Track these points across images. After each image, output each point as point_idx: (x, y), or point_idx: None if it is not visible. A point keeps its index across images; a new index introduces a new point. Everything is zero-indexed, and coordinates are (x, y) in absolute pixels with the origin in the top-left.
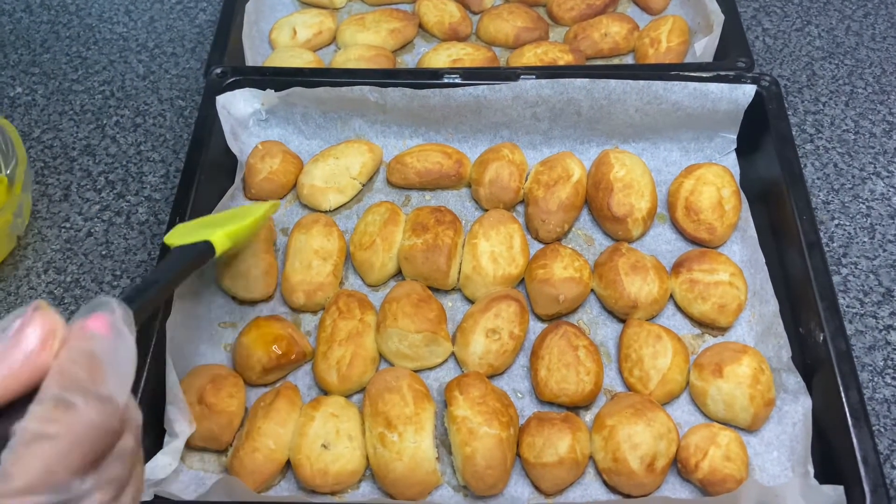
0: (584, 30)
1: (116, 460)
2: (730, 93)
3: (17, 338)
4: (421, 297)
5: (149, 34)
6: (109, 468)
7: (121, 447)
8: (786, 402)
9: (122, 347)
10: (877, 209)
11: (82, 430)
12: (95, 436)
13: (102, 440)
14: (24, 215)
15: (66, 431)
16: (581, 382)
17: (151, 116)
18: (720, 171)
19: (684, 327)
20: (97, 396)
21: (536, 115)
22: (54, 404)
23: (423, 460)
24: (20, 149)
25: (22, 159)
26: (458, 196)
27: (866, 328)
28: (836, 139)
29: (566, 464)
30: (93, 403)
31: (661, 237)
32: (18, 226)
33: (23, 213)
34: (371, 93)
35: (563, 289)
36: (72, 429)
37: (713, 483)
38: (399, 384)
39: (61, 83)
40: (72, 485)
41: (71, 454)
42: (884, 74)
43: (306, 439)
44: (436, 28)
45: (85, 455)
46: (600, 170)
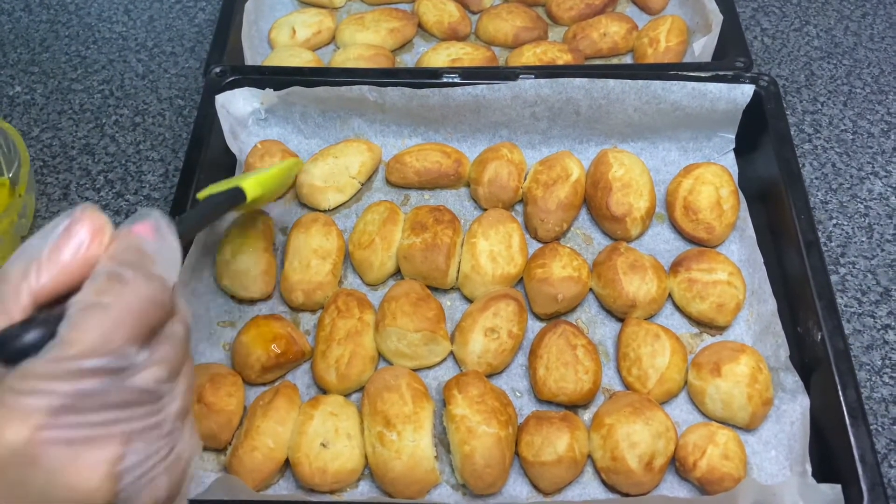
0: (583, 29)
1: (168, 341)
2: (728, 92)
3: (69, 233)
4: (420, 297)
5: (148, 33)
6: (162, 347)
7: (172, 330)
8: (784, 402)
9: (168, 246)
10: (875, 209)
11: (134, 300)
12: (146, 307)
13: (153, 313)
14: (28, 216)
15: (119, 301)
16: (580, 381)
17: (151, 116)
18: (719, 171)
19: (682, 326)
20: (146, 273)
21: (535, 115)
22: (107, 277)
23: (421, 459)
24: (23, 151)
25: (25, 160)
26: (457, 195)
27: (864, 327)
28: (834, 139)
29: (565, 462)
30: (143, 277)
31: (659, 236)
32: (23, 226)
33: (27, 214)
34: (370, 92)
35: (562, 288)
36: (124, 299)
37: (711, 482)
38: (398, 383)
39: (60, 82)
40: (127, 353)
41: (124, 323)
42: (882, 74)
43: (305, 438)
44: (435, 27)
45: (137, 325)
46: (599, 169)
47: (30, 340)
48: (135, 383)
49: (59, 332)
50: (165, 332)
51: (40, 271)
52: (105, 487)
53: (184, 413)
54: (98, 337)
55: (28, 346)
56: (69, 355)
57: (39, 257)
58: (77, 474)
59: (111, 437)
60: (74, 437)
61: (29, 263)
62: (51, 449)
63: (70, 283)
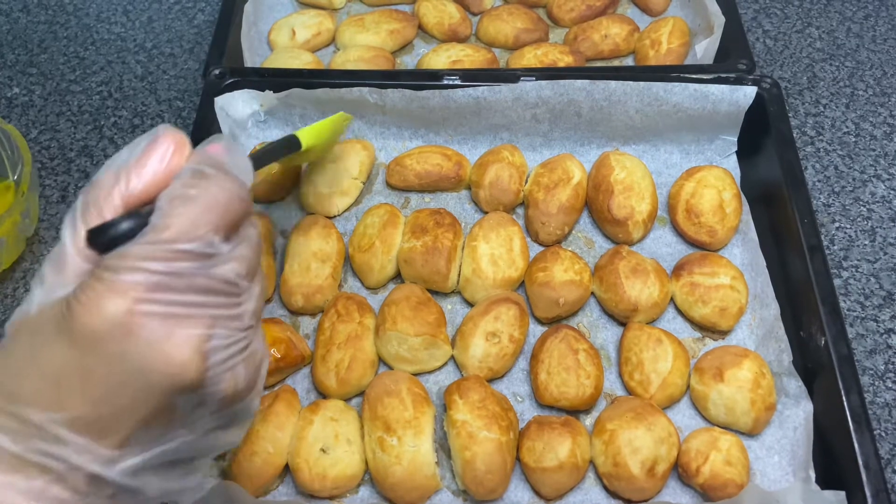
0: (585, 31)
1: (245, 241)
2: (730, 95)
3: (154, 144)
4: (420, 300)
5: (147, 35)
6: (241, 246)
7: (247, 232)
8: (787, 407)
9: (240, 159)
10: (878, 212)
11: (217, 192)
12: (228, 200)
13: (234, 207)
14: (31, 216)
15: (204, 193)
16: (581, 386)
17: (149, 117)
18: (721, 174)
19: (685, 331)
20: (226, 171)
21: (536, 117)
22: (191, 174)
23: (422, 465)
24: (25, 151)
25: (27, 160)
26: (458, 198)
27: (867, 332)
28: (836, 141)
29: (566, 468)
30: (223, 174)
31: (661, 240)
32: (27, 227)
33: (30, 214)
34: (370, 94)
35: (564, 292)
36: (209, 191)
37: (714, 488)
38: (398, 388)
39: (59, 84)
40: (213, 241)
41: (209, 212)
42: (884, 76)
43: (305, 443)
44: (435, 29)
45: (221, 216)
46: (601, 172)
47: (124, 229)
48: (218, 272)
49: (151, 220)
50: (243, 232)
51: (129, 177)
52: (196, 361)
53: (258, 314)
54: (187, 223)
55: (122, 233)
56: (162, 238)
57: (128, 166)
58: (172, 346)
59: (199, 317)
60: (168, 312)
61: (119, 171)
62: (148, 321)
63: (157, 189)
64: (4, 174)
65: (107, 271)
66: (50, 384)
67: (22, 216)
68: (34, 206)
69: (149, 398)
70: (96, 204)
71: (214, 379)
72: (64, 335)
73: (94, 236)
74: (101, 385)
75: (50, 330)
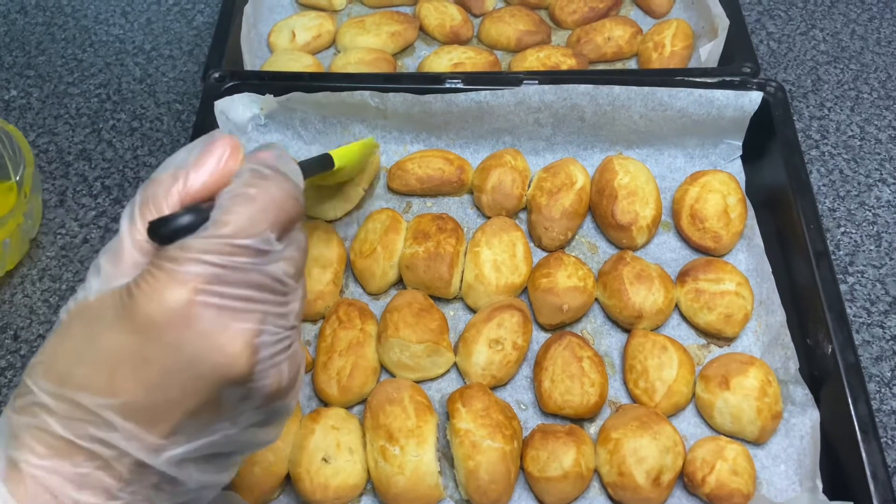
0: (587, 33)
1: (295, 243)
2: (736, 100)
3: (211, 146)
4: (422, 307)
5: (145, 36)
6: (291, 246)
7: (296, 235)
8: (793, 415)
9: (290, 164)
10: (883, 216)
11: (275, 191)
12: (284, 200)
13: (290, 207)
14: (34, 217)
15: (263, 192)
16: (586, 394)
17: (148, 120)
18: (725, 179)
19: (690, 337)
20: (282, 172)
21: (539, 121)
22: (251, 173)
23: (425, 474)
24: (27, 152)
25: (29, 162)
26: (460, 203)
27: (873, 338)
28: (841, 145)
29: (571, 478)
30: (281, 175)
31: (665, 245)
32: (30, 228)
33: (33, 216)
34: (371, 98)
35: (567, 298)
36: (267, 190)
37: (720, 498)
38: (400, 396)
39: (56, 86)
40: (269, 238)
41: (268, 210)
42: (889, 79)
43: (306, 452)
44: (437, 31)
45: (277, 215)
46: (604, 177)
47: (184, 222)
48: (271, 270)
49: (212, 216)
50: (293, 235)
51: (188, 176)
52: (247, 354)
53: (300, 317)
54: (247, 220)
55: (182, 227)
56: (222, 233)
57: (186, 166)
58: (226, 338)
59: (252, 312)
60: (224, 304)
61: (177, 170)
62: (206, 312)
63: (214, 188)
64: (7, 176)
65: (168, 261)
66: (105, 369)
67: (25, 217)
68: (37, 208)
69: (199, 388)
70: (155, 200)
71: (262, 374)
72: (124, 321)
73: (155, 228)
74: (156, 372)
75: (109, 316)
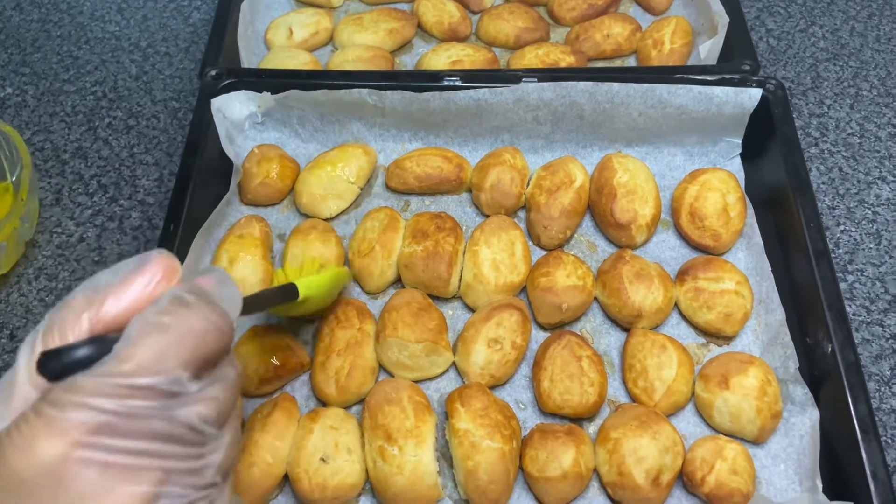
0: (586, 30)
1: (220, 382)
2: (735, 97)
3: (141, 268)
4: (421, 306)
5: (142, 33)
6: (214, 387)
7: (224, 372)
8: (793, 414)
9: (229, 292)
10: (883, 214)
11: (194, 321)
12: (206, 333)
13: (212, 341)
14: (31, 220)
15: (180, 323)
16: (585, 394)
17: (145, 118)
18: (725, 177)
19: (689, 336)
20: (210, 301)
21: (538, 119)
22: (170, 300)
23: (424, 474)
24: (24, 153)
25: (27, 164)
26: (459, 201)
27: (873, 336)
28: (841, 143)
29: (570, 478)
30: (206, 304)
31: (664, 244)
32: (27, 231)
33: (30, 218)
34: (369, 95)
35: (566, 297)
36: (184, 320)
37: (720, 497)
38: (399, 396)
39: (52, 83)
40: (180, 377)
41: (182, 345)
42: (889, 77)
43: (304, 452)
44: (435, 28)
45: (194, 350)
46: (603, 175)
47: (80, 356)
48: (181, 416)
49: (114, 348)
50: (219, 371)
51: (105, 301)
52: None
53: (227, 469)
54: (154, 355)
55: (77, 361)
56: (121, 370)
57: (107, 289)
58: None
59: (149, 470)
60: (111, 461)
61: (94, 293)
62: (84, 471)
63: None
64: (3, 176)
65: (49, 405)
66: None
67: (22, 221)
68: (34, 210)
69: None
70: (61, 325)
71: None
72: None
73: (47, 362)
74: None
75: None
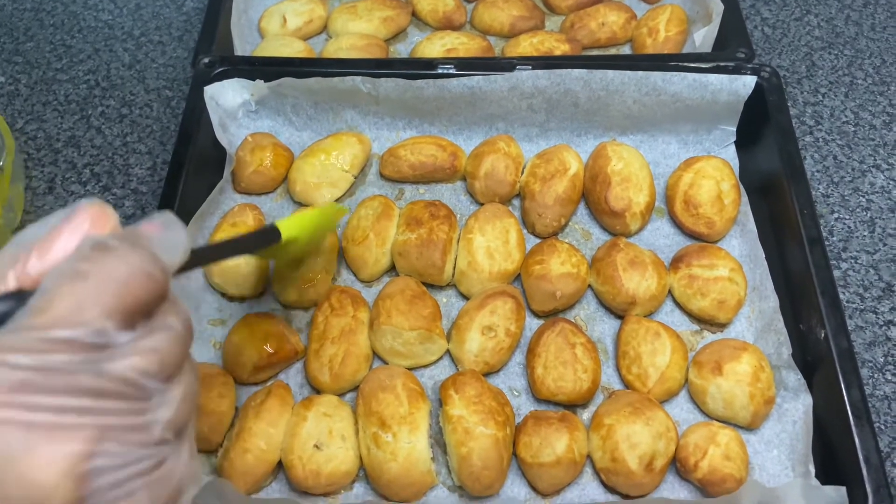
0: (581, 19)
1: (160, 331)
2: (730, 84)
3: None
4: (415, 294)
5: (135, 22)
6: (152, 337)
7: (166, 321)
8: (786, 400)
9: (171, 235)
10: (877, 202)
11: (117, 266)
12: (131, 278)
13: (140, 286)
14: (15, 209)
15: (100, 269)
16: (578, 380)
17: (138, 107)
18: (719, 165)
19: (683, 323)
20: (135, 243)
21: (533, 107)
22: (91, 246)
23: (417, 461)
24: (8, 139)
25: (10, 149)
26: (453, 189)
27: (866, 324)
28: (835, 131)
29: (563, 464)
30: (130, 247)
31: (659, 231)
32: (11, 219)
33: (14, 207)
34: (363, 83)
35: (560, 285)
36: (104, 266)
37: (713, 483)
38: (393, 383)
39: (45, 72)
40: (104, 328)
41: (103, 292)
42: (883, 65)
43: (298, 439)
44: (429, 16)
45: (119, 297)
46: (598, 163)
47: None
48: (113, 369)
49: (29, 302)
50: (157, 320)
51: (30, 257)
52: (65, 487)
53: (179, 426)
54: (70, 305)
55: None
56: (35, 324)
57: (32, 243)
58: (33, 466)
59: (79, 427)
60: (35, 420)
61: (20, 248)
62: (6, 432)
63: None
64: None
65: None
66: None
67: (5, 209)
68: (18, 198)
69: None
70: None
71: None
72: None
73: None
74: None
75: None
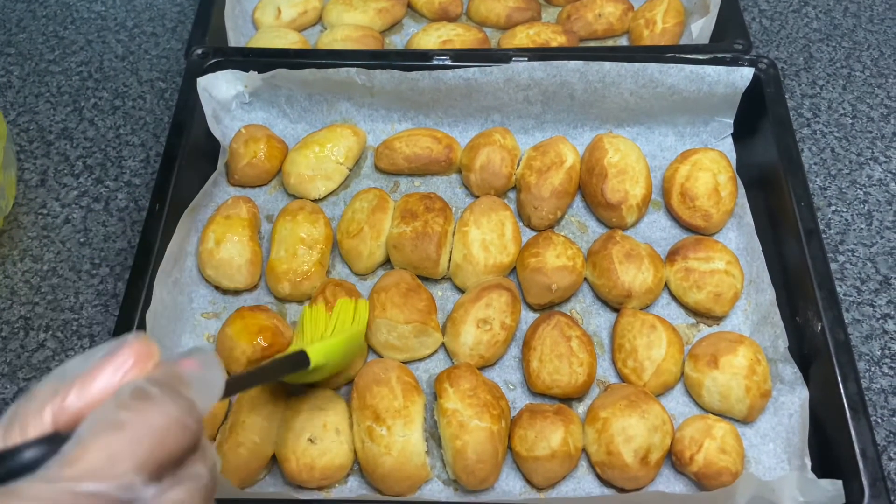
0: (578, 10)
1: (187, 482)
2: (727, 76)
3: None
4: (410, 287)
5: (128, 13)
6: (178, 488)
7: (193, 470)
8: (782, 393)
9: (210, 375)
10: (874, 195)
11: (155, 417)
12: (168, 431)
13: (175, 439)
14: (6, 196)
15: (138, 420)
16: (574, 374)
17: (131, 98)
18: (716, 157)
19: (679, 316)
20: (177, 394)
21: (529, 99)
22: (131, 393)
23: (412, 454)
24: (0, 124)
25: (2, 134)
26: (448, 182)
27: (863, 317)
28: (833, 123)
29: (559, 457)
30: (171, 396)
31: (655, 224)
32: (3, 208)
33: (5, 194)
34: (358, 75)
35: (556, 278)
36: (143, 416)
37: (708, 476)
38: (388, 376)
39: (38, 64)
40: (132, 483)
41: (138, 446)
42: (882, 57)
43: (292, 433)
44: (425, 8)
45: (152, 450)
46: (594, 155)
47: (28, 458)
48: None
49: (62, 449)
50: (185, 470)
51: (70, 392)
52: None
53: None
54: (103, 457)
55: (25, 464)
56: (65, 475)
57: (73, 378)
58: None
59: None
60: None
61: (61, 382)
62: None
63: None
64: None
65: None
66: None
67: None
68: (10, 185)
69: None
70: (23, 420)
71: None
72: None
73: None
74: None
75: None
